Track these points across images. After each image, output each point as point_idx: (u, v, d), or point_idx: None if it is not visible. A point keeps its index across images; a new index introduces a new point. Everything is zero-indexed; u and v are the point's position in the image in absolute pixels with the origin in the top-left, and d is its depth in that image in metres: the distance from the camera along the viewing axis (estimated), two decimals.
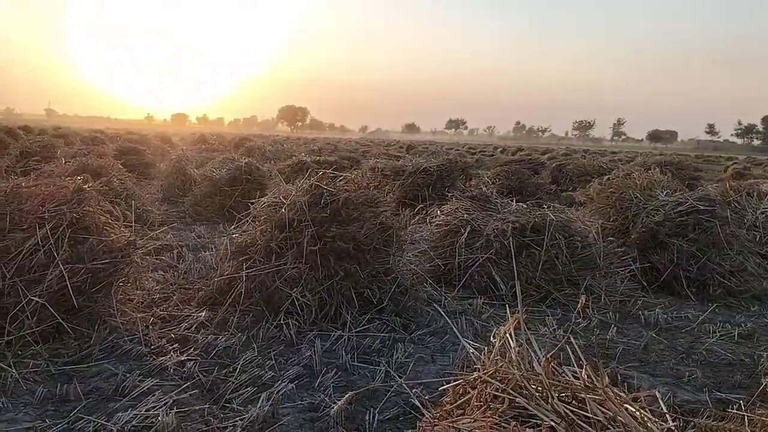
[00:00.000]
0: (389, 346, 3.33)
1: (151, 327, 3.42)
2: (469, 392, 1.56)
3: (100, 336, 3.17)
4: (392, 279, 3.99)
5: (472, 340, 3.19)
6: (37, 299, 3.08)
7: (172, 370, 2.89)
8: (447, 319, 2.62)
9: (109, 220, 3.78)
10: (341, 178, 4.38)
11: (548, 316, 3.98)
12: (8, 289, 3.12)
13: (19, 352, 2.97)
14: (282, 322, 3.51)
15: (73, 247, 3.39)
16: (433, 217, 5.38)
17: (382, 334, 3.47)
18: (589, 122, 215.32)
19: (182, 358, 3.01)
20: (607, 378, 1.42)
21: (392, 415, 2.52)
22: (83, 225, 3.54)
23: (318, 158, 12.05)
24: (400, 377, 2.89)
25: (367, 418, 2.43)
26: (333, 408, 2.45)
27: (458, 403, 1.52)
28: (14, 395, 2.59)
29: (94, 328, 3.22)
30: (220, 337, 3.31)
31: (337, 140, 44.63)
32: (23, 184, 3.63)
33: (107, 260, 3.44)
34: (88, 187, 3.70)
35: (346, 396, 2.15)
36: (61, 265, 3.22)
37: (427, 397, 1.91)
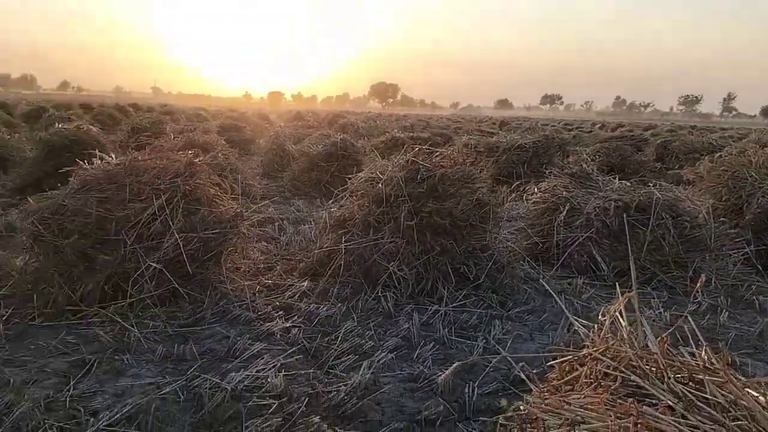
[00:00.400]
0: (486, 323, 3.33)
1: (257, 294, 3.59)
2: (577, 369, 1.54)
3: (211, 301, 3.37)
4: (489, 256, 3.96)
5: None
6: (155, 265, 3.31)
7: (278, 335, 3.03)
8: (555, 297, 2.58)
9: (218, 193, 3.98)
10: (437, 153, 4.38)
11: (653, 298, 3.83)
12: (129, 255, 3.37)
13: (140, 314, 3.20)
14: (380, 294, 3.59)
15: (186, 217, 3.60)
16: (530, 195, 5.28)
17: (479, 310, 3.47)
18: (696, 97, 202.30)
19: (287, 325, 3.15)
20: (729, 359, 1.36)
21: (492, 389, 2.53)
22: (195, 197, 3.75)
23: (411, 134, 12.06)
24: (499, 353, 2.89)
25: (466, 390, 2.45)
26: (440, 376, 2.49)
27: (566, 379, 1.51)
28: (137, 352, 2.80)
29: (206, 294, 3.42)
30: (322, 306, 3.43)
31: (428, 117, 44.43)
32: (140, 157, 3.89)
33: (217, 230, 3.63)
34: (199, 161, 3.91)
35: (453, 366, 2.18)
36: (176, 234, 3.44)
37: (535, 371, 1.91)
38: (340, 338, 2.98)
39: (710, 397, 1.30)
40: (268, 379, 2.47)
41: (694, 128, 31.81)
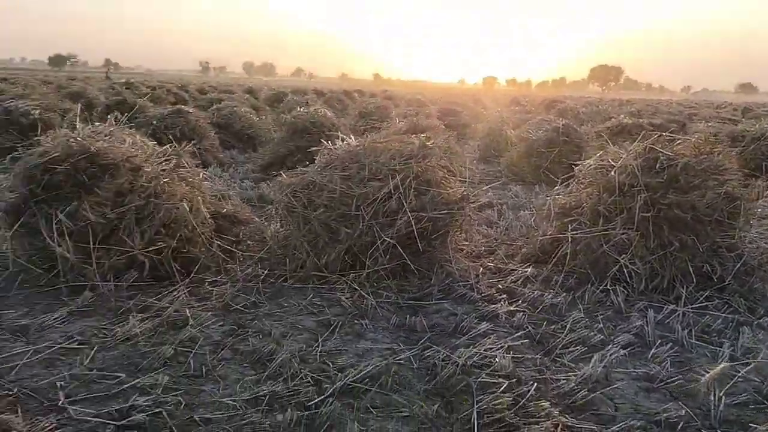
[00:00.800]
0: (733, 329, 3.03)
1: (480, 276, 3.66)
2: None
3: (438, 278, 3.51)
4: (737, 256, 3.58)
5: None
6: (389, 240, 3.54)
7: (503, 318, 3.07)
8: None
9: (446, 175, 4.11)
10: (678, 141, 4.04)
11: None
12: (366, 229, 3.63)
13: (375, 284, 3.45)
14: (608, 287, 3.44)
15: (417, 197, 3.78)
16: None
17: (724, 315, 3.16)
18: None
19: (511, 309, 3.17)
20: None
21: (741, 401, 2.30)
22: (425, 178, 3.91)
23: (639, 120, 11.25)
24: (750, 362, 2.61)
25: (711, 398, 2.26)
26: (704, 376, 2.34)
27: None
28: (374, 319, 3.03)
29: (433, 271, 3.58)
30: (546, 293, 3.39)
31: (656, 101, 40.96)
32: (377, 139, 4.16)
33: (445, 211, 3.76)
34: (431, 144, 4.06)
35: (719, 368, 2.03)
36: (408, 213, 3.63)
37: None
38: (567, 328, 2.93)
39: None
40: (496, 359, 2.52)
41: None
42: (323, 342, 2.73)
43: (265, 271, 3.63)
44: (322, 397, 2.20)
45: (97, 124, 4.08)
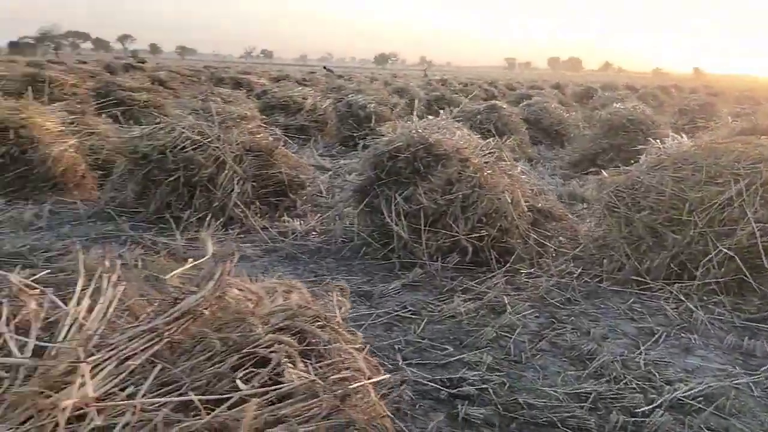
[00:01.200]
0: None
1: None
2: None
3: None
4: None
5: None
6: (726, 251, 3.19)
7: None
8: None
9: None
10: None
11: None
12: (698, 237, 3.33)
13: (704, 298, 3.15)
14: None
15: (764, 206, 3.33)
16: None
17: None
18: None
19: None
20: None
21: None
22: None
23: None
24: None
25: None
26: None
27: None
28: (703, 336, 2.78)
29: None
30: None
31: None
32: (719, 140, 3.77)
33: None
34: None
35: None
36: (752, 222, 3.22)
37: None
38: None
39: None
40: None
41: None
42: (646, 351, 2.60)
43: (579, 270, 3.57)
44: (651, 406, 2.10)
45: (429, 117, 4.48)
